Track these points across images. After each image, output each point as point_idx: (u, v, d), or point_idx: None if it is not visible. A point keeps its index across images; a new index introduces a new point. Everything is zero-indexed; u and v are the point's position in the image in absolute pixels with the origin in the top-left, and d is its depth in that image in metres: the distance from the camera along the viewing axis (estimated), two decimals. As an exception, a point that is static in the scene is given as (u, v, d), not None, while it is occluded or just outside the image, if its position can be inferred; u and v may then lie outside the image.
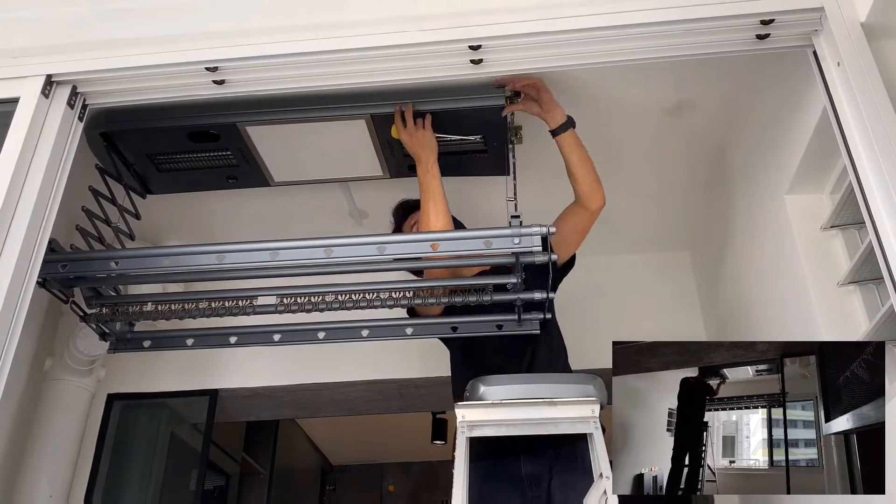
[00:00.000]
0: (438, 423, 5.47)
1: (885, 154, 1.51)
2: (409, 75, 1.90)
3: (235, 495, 4.58)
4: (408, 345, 2.51)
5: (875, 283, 1.83)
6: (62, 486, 2.73)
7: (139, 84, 1.89)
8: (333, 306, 2.08)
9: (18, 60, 1.84)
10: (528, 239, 1.83)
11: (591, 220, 2.09)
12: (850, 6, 1.69)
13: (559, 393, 1.65)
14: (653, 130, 2.16)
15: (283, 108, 2.08)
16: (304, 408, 3.33)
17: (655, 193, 2.62)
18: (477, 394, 1.68)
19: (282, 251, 1.90)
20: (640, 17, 1.75)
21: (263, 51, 1.84)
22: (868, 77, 1.60)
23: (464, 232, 1.87)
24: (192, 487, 3.03)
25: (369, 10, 1.88)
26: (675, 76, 2.15)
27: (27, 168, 1.69)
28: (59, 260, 1.93)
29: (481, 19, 1.80)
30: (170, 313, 2.11)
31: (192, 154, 2.27)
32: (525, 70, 1.89)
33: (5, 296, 1.53)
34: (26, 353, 2.69)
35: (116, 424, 2.97)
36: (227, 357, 3.02)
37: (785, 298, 2.09)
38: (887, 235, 1.47)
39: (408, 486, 6.78)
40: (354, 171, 2.40)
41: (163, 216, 2.69)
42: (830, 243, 1.95)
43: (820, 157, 1.92)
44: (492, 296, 2.08)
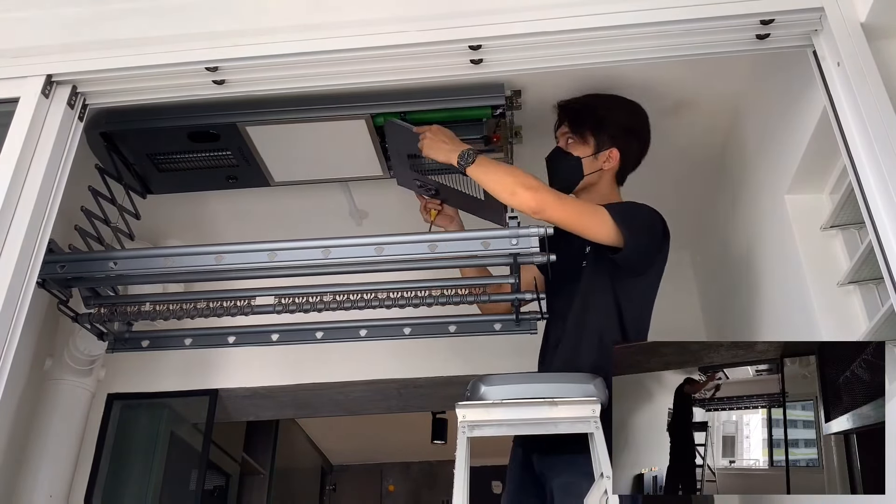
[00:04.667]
0: (438, 423, 5.47)
1: (885, 154, 1.51)
2: (409, 75, 1.90)
3: (235, 495, 4.58)
4: (407, 345, 2.51)
5: (875, 283, 1.83)
6: (62, 486, 2.73)
7: (139, 84, 1.89)
8: (332, 306, 2.08)
9: (18, 60, 1.84)
10: (525, 240, 1.84)
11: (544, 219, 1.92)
12: (850, 6, 1.69)
13: (560, 392, 1.65)
14: (653, 130, 2.15)
15: (283, 108, 2.08)
16: (304, 408, 3.33)
17: (655, 193, 2.60)
18: (478, 393, 1.68)
19: (280, 252, 1.91)
20: (640, 17, 1.75)
21: (263, 51, 1.84)
22: (868, 77, 1.60)
23: (462, 233, 1.88)
24: (192, 487, 3.02)
25: (369, 10, 1.88)
26: (675, 76, 2.15)
27: (27, 168, 1.69)
28: (58, 261, 1.94)
29: (481, 19, 1.80)
30: (168, 313, 2.11)
31: (192, 154, 2.27)
32: (525, 70, 1.89)
33: (5, 296, 1.54)
34: (26, 353, 2.69)
35: (116, 424, 2.97)
36: (227, 357, 3.01)
37: (785, 298, 2.09)
38: (887, 235, 1.47)
39: (408, 486, 6.78)
40: (354, 171, 2.40)
41: (163, 216, 2.69)
42: (830, 243, 1.95)
43: (820, 157, 1.92)
44: (489, 296, 2.09)
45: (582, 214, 1.85)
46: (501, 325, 2.22)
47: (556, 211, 1.82)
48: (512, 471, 1.93)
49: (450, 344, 2.67)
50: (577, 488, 1.60)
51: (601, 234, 1.83)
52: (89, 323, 2.17)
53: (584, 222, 1.84)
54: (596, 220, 1.83)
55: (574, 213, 1.85)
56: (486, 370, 1.82)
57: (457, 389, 2.38)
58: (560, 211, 1.83)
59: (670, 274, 1.99)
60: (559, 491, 1.72)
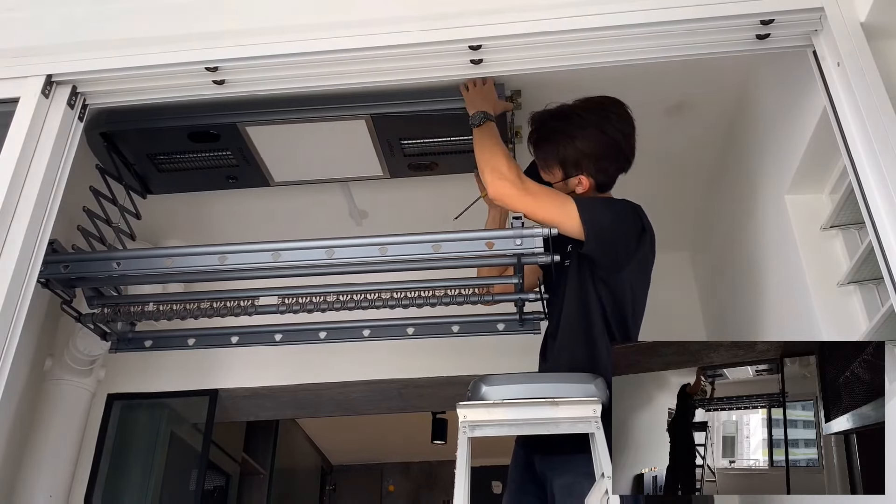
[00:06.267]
0: (438, 423, 5.47)
1: (885, 154, 1.52)
2: (409, 75, 1.90)
3: (235, 495, 4.58)
4: (408, 345, 2.51)
5: (875, 283, 1.83)
6: (62, 486, 2.73)
7: (139, 84, 1.89)
8: (335, 306, 2.09)
9: (18, 60, 1.83)
10: (529, 240, 1.84)
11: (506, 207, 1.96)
12: (850, 6, 1.69)
13: (561, 392, 1.65)
14: (653, 130, 2.15)
15: (283, 108, 2.08)
16: (304, 408, 3.33)
17: (655, 193, 2.61)
18: (479, 393, 1.68)
19: (284, 252, 1.91)
20: (640, 17, 1.75)
21: (263, 51, 1.84)
22: (868, 77, 1.60)
23: (465, 233, 1.88)
24: (192, 487, 3.03)
25: (369, 10, 1.88)
26: (675, 76, 2.15)
27: (27, 168, 1.69)
28: (62, 261, 1.94)
29: (481, 19, 1.80)
30: (171, 313, 2.11)
31: (192, 154, 2.27)
32: (525, 70, 1.89)
33: (5, 296, 1.53)
34: (26, 353, 2.69)
35: (116, 424, 2.97)
36: (227, 357, 3.02)
37: (785, 298, 2.09)
38: (887, 235, 1.47)
39: (408, 486, 6.79)
40: (354, 171, 2.40)
41: (163, 216, 2.70)
42: (830, 243, 1.95)
43: (820, 157, 1.92)
44: (493, 296, 2.10)
45: (543, 206, 1.83)
46: (505, 325, 2.22)
47: (515, 202, 1.83)
48: (513, 471, 1.93)
49: (450, 344, 2.67)
50: (579, 488, 1.60)
51: (567, 227, 1.81)
52: (92, 323, 2.17)
53: (546, 214, 1.83)
54: (560, 212, 1.81)
55: (534, 206, 1.83)
56: (488, 370, 1.82)
57: (457, 389, 2.38)
58: (520, 203, 1.83)
59: (670, 274, 1.99)
60: (560, 491, 1.72)
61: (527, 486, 1.87)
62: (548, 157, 1.95)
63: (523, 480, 1.89)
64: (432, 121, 2.12)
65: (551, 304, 2.02)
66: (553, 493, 1.74)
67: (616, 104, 1.95)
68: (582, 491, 1.57)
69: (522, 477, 1.90)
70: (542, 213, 1.83)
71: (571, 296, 1.87)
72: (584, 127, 1.90)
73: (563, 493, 1.70)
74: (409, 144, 2.26)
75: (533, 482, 1.86)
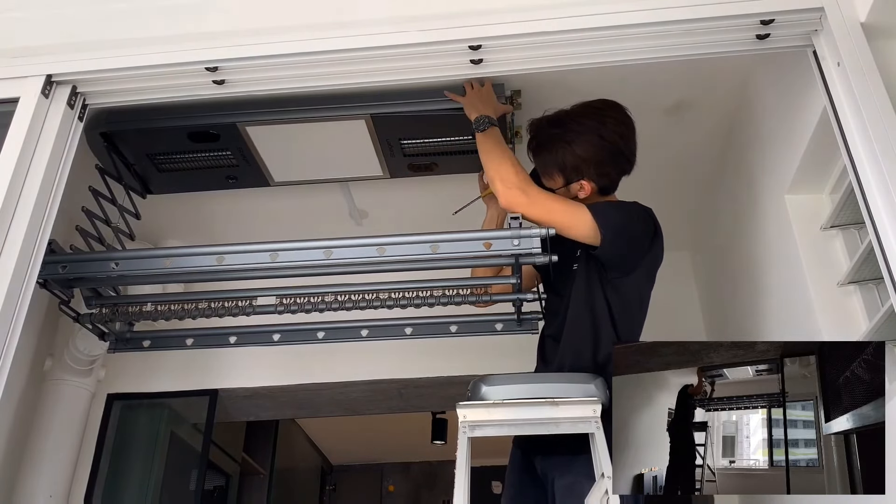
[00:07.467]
0: (438, 423, 5.47)
1: (885, 154, 1.52)
2: (409, 75, 1.90)
3: (235, 495, 4.58)
4: (408, 345, 2.51)
5: (875, 283, 1.83)
6: (62, 486, 2.73)
7: (139, 84, 1.89)
8: (333, 306, 2.09)
9: (18, 60, 1.84)
10: (527, 240, 1.84)
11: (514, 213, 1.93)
12: (850, 6, 1.69)
13: (561, 392, 1.65)
14: (653, 130, 2.15)
15: (283, 108, 2.08)
16: (304, 408, 3.33)
17: (655, 193, 2.61)
18: (479, 394, 1.68)
19: (282, 252, 1.91)
20: (640, 17, 1.75)
21: (263, 51, 1.84)
22: (868, 77, 1.60)
23: (463, 234, 1.88)
24: (192, 487, 3.02)
25: (369, 10, 1.88)
26: (675, 76, 2.15)
27: (27, 168, 1.69)
28: (60, 261, 1.94)
29: (481, 19, 1.80)
30: (169, 313, 2.11)
31: (192, 154, 2.27)
32: (525, 70, 1.90)
33: (5, 296, 1.54)
34: (26, 353, 2.69)
35: (116, 424, 2.97)
36: (227, 357, 3.01)
37: (785, 298, 2.09)
38: (887, 235, 1.47)
39: (408, 486, 6.78)
40: (354, 171, 2.40)
41: (163, 216, 2.69)
42: (830, 243, 1.95)
43: (820, 157, 1.92)
44: (491, 296, 2.09)
45: (555, 213, 1.83)
46: (503, 325, 2.22)
47: (527, 211, 1.83)
48: (511, 474, 1.93)
49: (450, 344, 2.67)
50: (579, 488, 1.60)
51: (579, 232, 1.81)
52: (91, 323, 2.17)
53: (559, 221, 1.82)
54: (573, 218, 1.81)
55: (546, 213, 1.83)
56: (487, 370, 1.82)
57: (457, 389, 2.39)
58: (531, 211, 1.83)
59: (670, 274, 1.99)
60: (561, 491, 1.72)
61: (526, 488, 1.87)
62: (548, 164, 1.95)
63: (522, 482, 1.89)
64: (432, 121, 2.12)
65: (552, 304, 2.01)
66: (554, 493, 1.74)
67: (613, 108, 1.93)
68: (582, 491, 1.57)
69: (521, 479, 1.90)
70: (555, 220, 1.82)
71: (579, 298, 1.87)
72: (581, 133, 1.89)
73: (564, 494, 1.70)
74: (409, 144, 2.26)
75: (532, 484, 1.85)
